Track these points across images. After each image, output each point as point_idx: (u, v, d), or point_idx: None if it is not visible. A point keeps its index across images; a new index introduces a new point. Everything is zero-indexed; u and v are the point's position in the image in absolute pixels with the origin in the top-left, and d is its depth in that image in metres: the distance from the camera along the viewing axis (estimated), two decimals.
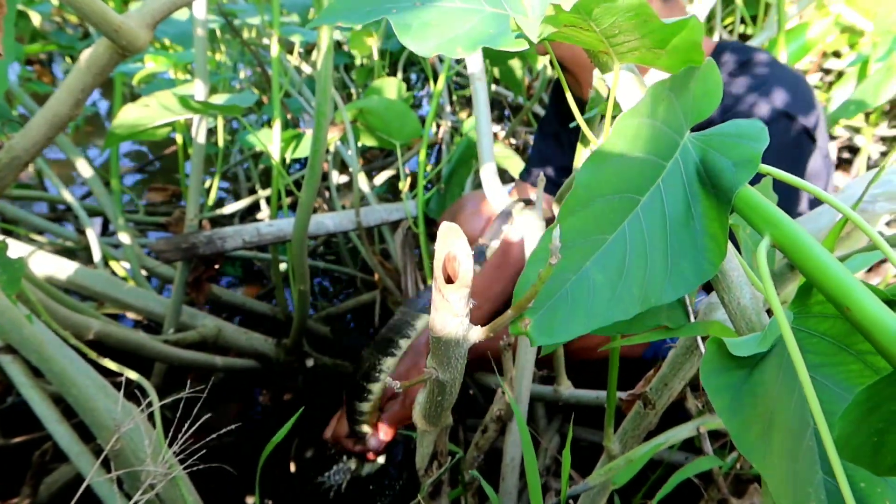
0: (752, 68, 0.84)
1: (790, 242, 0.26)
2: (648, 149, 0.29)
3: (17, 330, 0.40)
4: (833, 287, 0.24)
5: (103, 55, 0.49)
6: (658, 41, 0.28)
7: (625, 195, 0.28)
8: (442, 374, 0.33)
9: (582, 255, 0.27)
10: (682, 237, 0.28)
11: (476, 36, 0.32)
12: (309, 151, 0.90)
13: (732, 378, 0.29)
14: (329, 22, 0.32)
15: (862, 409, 0.23)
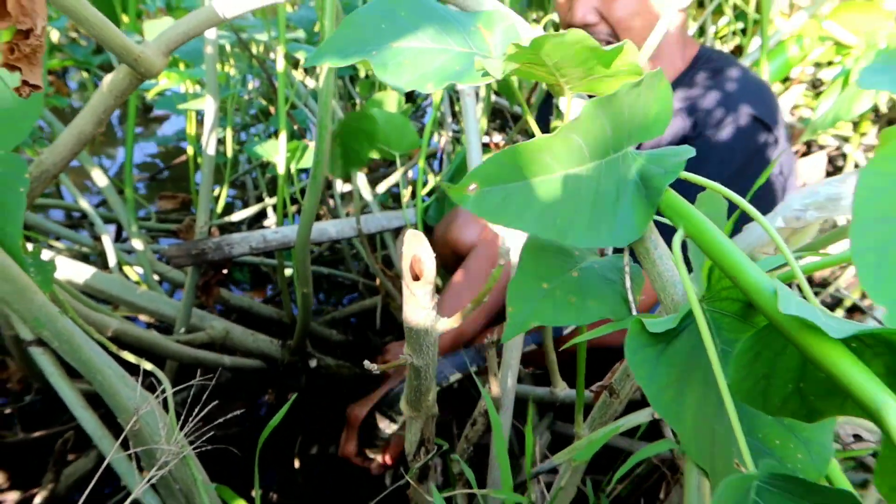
0: (724, 80, 0.90)
1: (698, 231, 0.32)
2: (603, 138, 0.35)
3: (52, 323, 0.46)
4: (726, 263, 0.30)
5: (124, 80, 0.55)
6: (602, 64, 0.33)
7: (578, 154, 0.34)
8: (416, 359, 0.39)
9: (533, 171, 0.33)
10: (606, 210, 0.33)
11: (444, 73, 0.37)
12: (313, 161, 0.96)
13: (651, 352, 0.34)
14: (320, 62, 0.37)
15: (747, 356, 0.28)
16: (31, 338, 0.61)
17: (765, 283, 0.28)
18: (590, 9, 0.89)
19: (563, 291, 0.40)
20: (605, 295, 0.40)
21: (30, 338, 0.61)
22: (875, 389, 0.22)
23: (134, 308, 1.06)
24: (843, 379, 0.23)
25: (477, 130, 0.77)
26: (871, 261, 0.26)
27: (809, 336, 0.24)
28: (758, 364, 0.29)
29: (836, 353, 0.23)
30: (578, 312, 0.39)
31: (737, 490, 0.28)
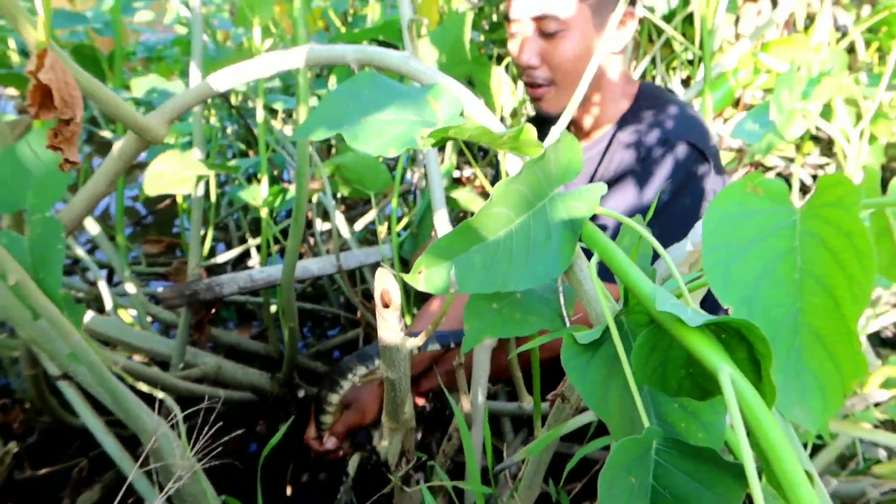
0: (663, 114, 1.00)
1: (607, 255, 0.41)
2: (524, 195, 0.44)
3: (85, 356, 0.54)
4: (626, 278, 0.39)
5: (132, 147, 0.64)
6: (507, 144, 0.43)
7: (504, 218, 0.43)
8: (391, 373, 0.48)
9: (470, 244, 0.41)
10: (542, 250, 0.42)
11: (402, 139, 0.46)
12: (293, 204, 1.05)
13: (582, 359, 0.43)
14: (303, 137, 0.47)
15: (645, 349, 0.37)
16: (58, 373, 0.68)
17: (649, 289, 0.37)
18: (534, 53, 1.00)
19: (510, 310, 0.49)
20: (544, 311, 0.49)
21: (57, 373, 0.69)
22: (714, 358, 0.31)
23: (131, 348, 1.13)
24: (697, 354, 0.32)
25: (437, 169, 0.86)
26: (719, 274, 0.36)
27: (678, 326, 0.33)
28: (654, 355, 0.38)
29: (694, 337, 0.32)
30: (522, 326, 0.48)
31: (637, 448, 0.36)
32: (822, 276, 0.35)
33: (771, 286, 0.33)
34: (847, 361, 0.34)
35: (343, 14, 2.68)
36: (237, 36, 2.40)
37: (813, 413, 0.34)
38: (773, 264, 0.33)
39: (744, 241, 0.33)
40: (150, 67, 2.19)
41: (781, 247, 0.34)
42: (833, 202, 0.35)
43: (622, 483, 0.35)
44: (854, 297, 0.34)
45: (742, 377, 0.29)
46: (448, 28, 1.21)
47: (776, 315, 0.34)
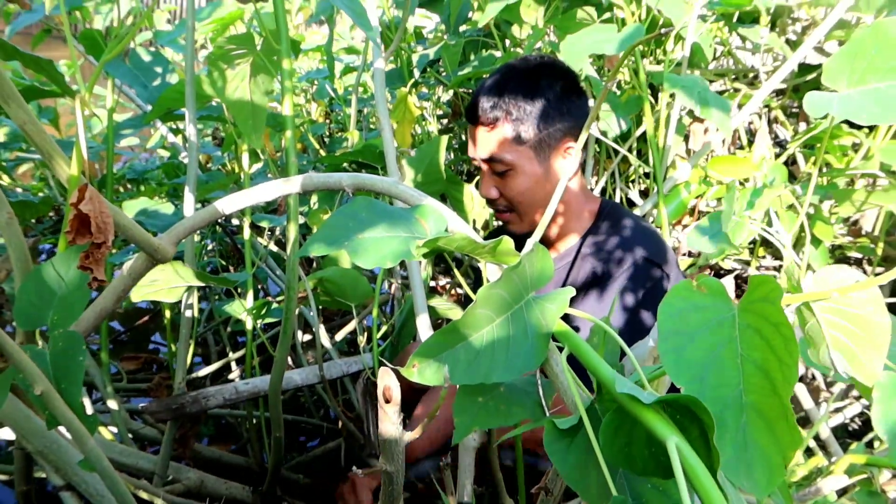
0: (622, 228, 1.11)
1: (576, 348, 0.47)
2: (503, 298, 0.50)
3: (99, 462, 0.56)
4: (594, 367, 0.45)
5: (142, 265, 0.70)
6: (488, 253, 0.50)
7: (486, 318, 0.49)
8: (389, 466, 0.52)
9: (456, 341, 0.47)
10: (520, 346, 0.48)
11: (396, 253, 0.53)
12: (282, 315, 1.10)
13: (563, 443, 0.48)
14: (308, 253, 0.53)
15: (610, 428, 0.42)
16: (62, 483, 0.70)
17: (611, 375, 0.43)
18: (491, 187, 1.15)
19: (495, 402, 0.54)
20: (526, 403, 0.55)
21: (60, 483, 0.70)
22: (664, 430, 0.36)
23: (115, 465, 1.13)
24: (651, 428, 0.37)
25: (421, 282, 0.93)
26: (672, 358, 0.42)
27: (635, 405, 0.39)
28: (619, 435, 0.43)
29: (648, 414, 0.38)
30: (506, 417, 0.53)
31: None
32: (758, 359, 0.41)
33: (717, 369, 0.39)
34: (785, 435, 0.40)
35: (321, 137, 2.84)
36: (219, 158, 2.52)
37: (758, 483, 0.39)
38: (717, 350, 0.39)
39: (692, 329, 0.40)
40: (135, 189, 2.28)
41: (724, 335, 0.40)
42: (762, 298, 0.42)
43: None
44: (785, 377, 0.40)
45: (688, 446, 0.35)
46: (424, 150, 1.33)
47: (723, 394, 0.40)
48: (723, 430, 0.38)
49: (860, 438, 1.47)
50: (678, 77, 1.18)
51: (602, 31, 1.26)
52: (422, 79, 1.88)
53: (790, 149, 1.84)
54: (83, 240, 0.50)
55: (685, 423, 0.40)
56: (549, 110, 1.10)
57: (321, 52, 2.94)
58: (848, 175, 1.68)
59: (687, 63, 1.51)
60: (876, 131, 1.63)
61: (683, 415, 0.40)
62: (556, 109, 1.11)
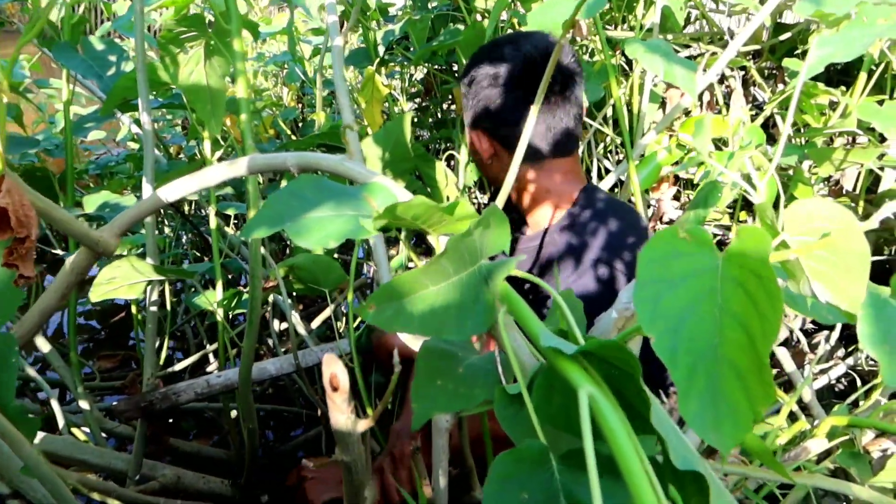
0: (598, 206, 1.08)
1: (514, 308, 0.44)
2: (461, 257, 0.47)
3: (38, 469, 0.53)
4: (527, 325, 0.41)
5: (84, 260, 0.66)
6: (448, 215, 0.47)
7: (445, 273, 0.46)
8: (345, 456, 0.49)
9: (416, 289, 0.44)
10: (470, 308, 0.45)
11: (341, 232, 0.50)
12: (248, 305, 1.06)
13: (511, 409, 0.45)
14: (248, 235, 0.50)
15: (543, 388, 0.39)
16: (8, 492, 0.67)
17: (538, 329, 0.40)
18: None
19: (454, 385, 0.51)
20: (486, 383, 0.52)
21: (6, 491, 0.67)
22: (578, 378, 0.33)
23: (87, 466, 1.10)
24: (569, 380, 0.34)
25: (386, 262, 0.90)
26: (648, 307, 0.39)
27: (558, 358, 0.36)
28: (555, 396, 0.40)
29: (567, 364, 0.35)
30: (467, 399, 0.51)
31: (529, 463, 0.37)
32: (738, 312, 0.38)
33: (694, 320, 0.37)
34: (757, 390, 0.38)
35: (293, 121, 2.78)
36: (190, 148, 2.47)
37: (725, 437, 0.37)
38: (697, 301, 0.37)
39: (672, 278, 0.37)
40: (102, 184, 2.23)
41: (705, 286, 0.37)
42: (749, 250, 0.40)
43: (511, 498, 0.35)
44: (764, 332, 0.38)
45: (604, 397, 0.32)
46: (390, 128, 1.29)
47: (698, 346, 0.38)
48: (693, 382, 0.36)
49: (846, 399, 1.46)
50: (639, 41, 1.15)
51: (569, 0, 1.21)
52: (389, 56, 1.84)
53: (767, 110, 1.82)
54: (3, 235, 0.47)
55: (620, 378, 0.37)
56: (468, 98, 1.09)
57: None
58: (826, 134, 1.66)
59: (659, 28, 1.48)
60: (853, 89, 1.61)
61: (615, 369, 0.37)
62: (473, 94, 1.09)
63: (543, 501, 0.36)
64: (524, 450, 0.37)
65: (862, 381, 1.51)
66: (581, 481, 0.37)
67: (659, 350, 0.37)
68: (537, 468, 0.37)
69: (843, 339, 1.78)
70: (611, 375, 0.35)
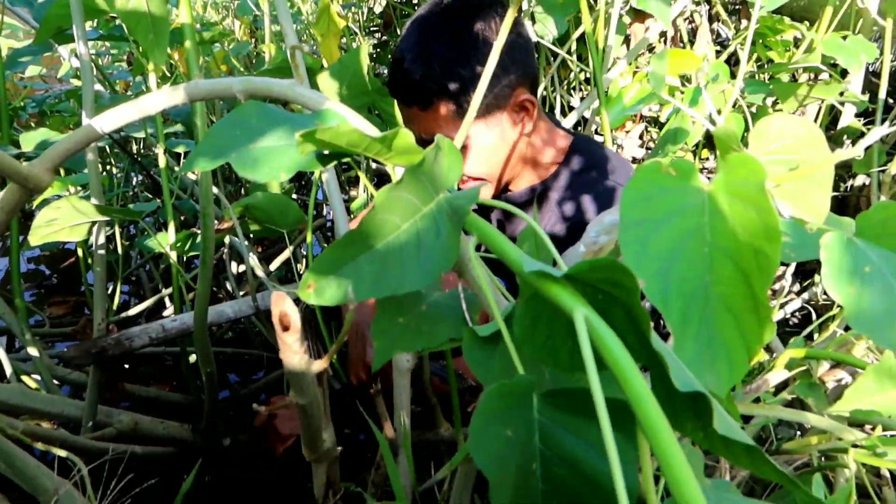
0: (592, 167, 1.04)
1: (484, 235, 0.41)
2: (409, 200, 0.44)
3: None
4: (501, 250, 0.39)
5: (14, 197, 0.61)
6: (386, 147, 0.43)
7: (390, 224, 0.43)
8: (300, 399, 0.47)
9: (357, 252, 0.41)
10: (431, 247, 0.42)
11: (292, 164, 0.46)
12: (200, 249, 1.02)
13: (484, 352, 0.43)
14: (190, 168, 0.46)
15: (527, 319, 0.37)
16: None
17: (519, 256, 0.37)
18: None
19: (417, 322, 0.49)
20: (451, 320, 0.50)
21: None
22: (571, 302, 0.31)
23: (38, 414, 1.06)
24: (559, 305, 0.32)
25: (340, 201, 0.86)
26: (635, 249, 0.37)
27: (545, 283, 0.33)
28: (539, 327, 0.38)
29: (556, 288, 0.33)
30: (430, 337, 0.49)
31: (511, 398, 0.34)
32: (729, 249, 0.36)
33: (683, 260, 0.35)
34: (752, 329, 0.36)
35: (247, 56, 2.66)
36: (137, 85, 2.35)
37: (720, 378, 0.35)
38: (685, 239, 0.35)
39: (658, 217, 0.34)
40: (45, 124, 2.11)
41: (692, 222, 0.35)
42: (741, 180, 0.37)
43: (496, 434, 0.34)
44: (761, 268, 0.36)
45: (598, 318, 0.30)
46: (346, 61, 1.23)
47: (689, 287, 0.36)
48: (687, 325, 0.34)
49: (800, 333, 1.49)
50: None
51: None
52: None
53: (732, 46, 1.79)
54: None
55: (607, 304, 0.35)
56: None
57: None
58: (790, 70, 1.65)
59: None
60: (819, 24, 1.59)
61: (601, 294, 0.35)
62: (500, 64, 0.92)
63: (525, 441, 0.34)
64: (511, 385, 0.35)
65: (817, 314, 1.54)
66: (559, 422, 0.35)
67: (650, 294, 0.34)
68: (521, 405, 0.35)
69: (798, 275, 1.81)
70: (597, 302, 0.33)
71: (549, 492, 0.36)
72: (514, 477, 0.35)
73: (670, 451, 0.25)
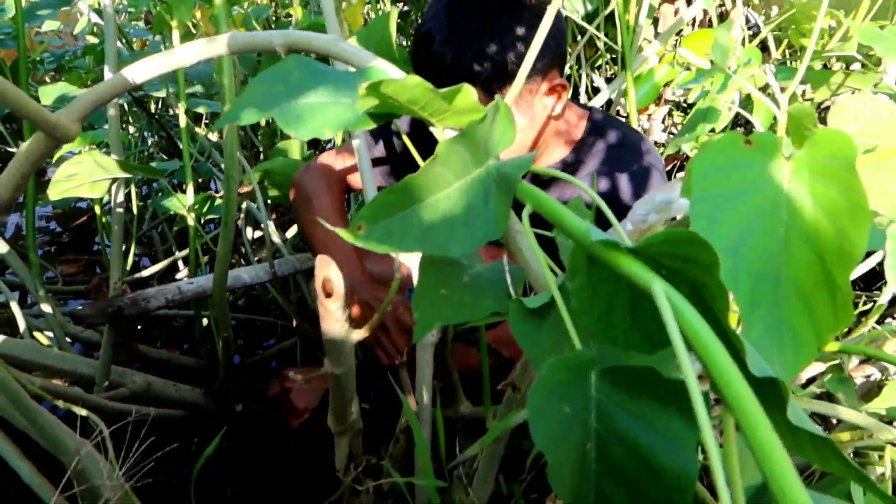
0: (611, 145, 1.02)
1: (539, 202, 0.39)
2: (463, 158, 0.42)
3: None
4: (559, 219, 0.36)
5: (40, 147, 0.59)
6: (447, 103, 0.41)
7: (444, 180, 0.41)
8: (336, 368, 0.45)
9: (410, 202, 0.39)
10: (479, 214, 0.39)
11: (339, 120, 0.44)
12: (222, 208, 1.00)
13: (531, 324, 0.41)
14: (230, 121, 0.44)
15: (586, 291, 0.35)
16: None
17: (582, 225, 0.35)
18: None
19: (459, 294, 0.47)
20: (494, 293, 0.48)
21: None
22: (647, 276, 0.29)
23: (50, 371, 1.06)
24: (632, 277, 0.30)
25: (370, 170, 0.84)
26: (704, 224, 0.35)
27: (614, 254, 0.31)
28: (596, 300, 0.36)
29: (628, 260, 0.31)
30: (473, 310, 0.47)
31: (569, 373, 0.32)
32: (807, 230, 0.34)
33: (756, 239, 0.32)
34: (825, 317, 0.34)
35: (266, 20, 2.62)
36: (154, 45, 2.31)
37: (786, 364, 0.33)
38: (759, 217, 0.32)
39: (731, 192, 0.32)
40: (60, 79, 2.08)
41: (768, 200, 0.33)
42: (827, 157, 0.35)
43: (554, 410, 0.32)
44: (842, 252, 0.33)
45: (678, 294, 0.28)
46: (373, 27, 1.19)
47: (760, 268, 0.34)
48: (755, 306, 0.32)
49: None
50: None
51: None
52: None
53: (764, 31, 1.75)
54: None
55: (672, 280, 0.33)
56: (524, 49, 0.88)
57: None
58: (823, 58, 1.60)
59: None
60: (856, 11, 1.54)
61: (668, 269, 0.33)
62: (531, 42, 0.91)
63: (582, 419, 0.32)
64: (570, 358, 0.33)
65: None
66: (617, 401, 0.33)
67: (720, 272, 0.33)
68: (579, 380, 0.33)
69: None
70: (660, 277, 0.31)
71: (602, 473, 0.34)
72: (574, 457, 0.33)
73: (767, 439, 0.23)
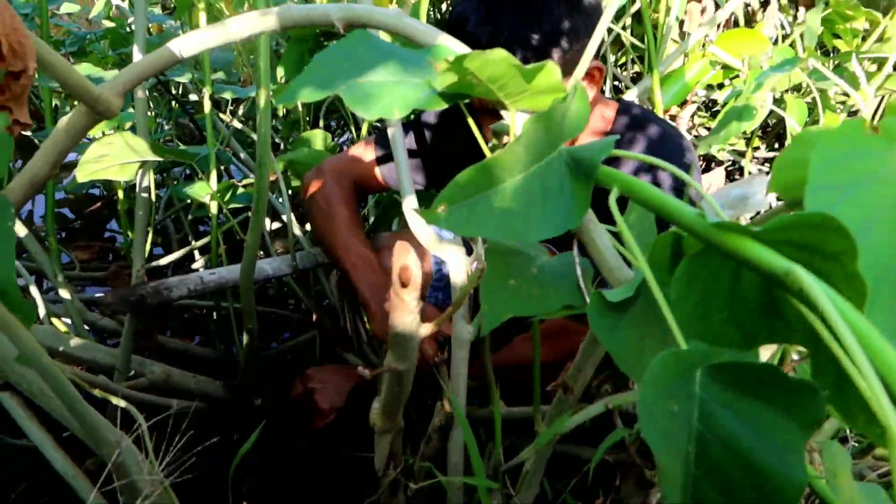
0: (641, 137, 0.99)
1: (630, 187, 0.36)
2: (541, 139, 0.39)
3: (37, 359, 0.46)
4: (658, 205, 0.34)
5: (81, 121, 0.56)
6: (526, 80, 0.38)
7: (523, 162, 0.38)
8: (400, 365, 0.42)
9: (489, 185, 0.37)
10: (556, 201, 0.37)
11: (407, 101, 0.42)
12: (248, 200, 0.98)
13: (611, 318, 0.38)
14: (291, 99, 0.41)
15: (683, 280, 0.32)
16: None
17: (689, 210, 0.32)
18: None
19: (527, 286, 0.44)
20: (562, 286, 0.45)
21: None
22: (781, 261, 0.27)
23: (69, 359, 1.03)
24: (763, 263, 0.27)
25: (406, 161, 0.81)
26: None
27: (731, 237, 0.29)
28: (694, 288, 0.33)
29: (757, 246, 0.28)
30: (541, 302, 0.44)
31: (676, 368, 0.30)
32: None
33: (878, 232, 0.29)
34: None
35: None
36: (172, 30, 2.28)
37: None
38: (883, 210, 0.29)
39: (852, 181, 0.29)
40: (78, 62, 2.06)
41: (892, 191, 0.30)
42: None
43: (663, 409, 0.30)
44: None
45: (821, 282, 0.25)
46: None
47: (881, 261, 0.31)
48: (875, 304, 0.29)
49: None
50: None
51: None
52: None
53: (795, 32, 1.72)
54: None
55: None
56: (562, 32, 0.83)
57: None
58: (860, 59, 1.57)
59: None
60: (894, 12, 1.51)
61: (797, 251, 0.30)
62: (572, 27, 0.83)
63: (687, 418, 0.29)
64: (679, 354, 0.30)
65: None
66: (723, 401, 0.30)
67: None
68: (684, 378, 0.30)
69: None
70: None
71: (701, 476, 0.31)
72: (683, 459, 0.30)
73: None
